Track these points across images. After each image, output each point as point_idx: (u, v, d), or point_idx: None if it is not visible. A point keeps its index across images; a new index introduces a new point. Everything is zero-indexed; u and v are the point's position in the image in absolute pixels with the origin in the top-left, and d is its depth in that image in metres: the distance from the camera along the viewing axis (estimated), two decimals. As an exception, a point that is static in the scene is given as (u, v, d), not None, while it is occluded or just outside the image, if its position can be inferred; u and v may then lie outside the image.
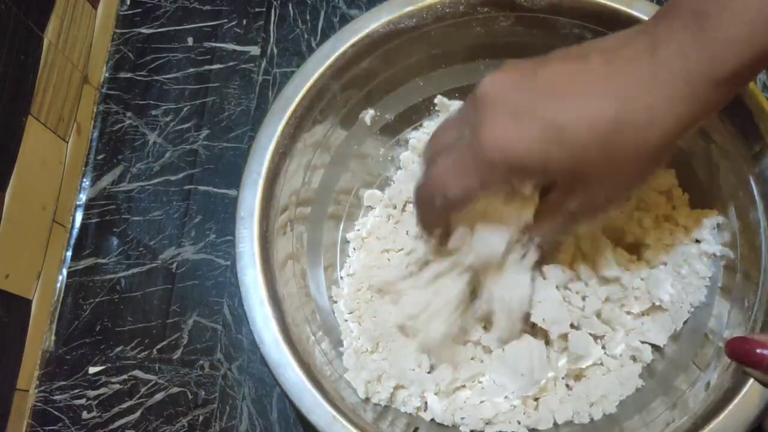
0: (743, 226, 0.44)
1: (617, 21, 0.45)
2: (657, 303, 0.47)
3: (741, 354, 0.37)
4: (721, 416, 0.38)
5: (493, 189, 0.39)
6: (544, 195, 0.41)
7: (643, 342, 0.48)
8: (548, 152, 0.35)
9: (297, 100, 0.46)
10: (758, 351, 0.36)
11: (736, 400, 0.38)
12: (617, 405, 0.47)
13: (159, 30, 0.67)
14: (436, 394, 0.47)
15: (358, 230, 0.54)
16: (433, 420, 0.47)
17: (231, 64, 0.65)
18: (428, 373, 0.48)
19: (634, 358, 0.48)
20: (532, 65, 0.37)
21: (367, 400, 0.46)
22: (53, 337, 0.59)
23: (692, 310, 0.47)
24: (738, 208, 0.45)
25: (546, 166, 0.36)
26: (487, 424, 0.46)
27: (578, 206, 0.39)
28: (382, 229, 0.54)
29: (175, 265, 0.60)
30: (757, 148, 0.42)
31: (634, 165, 0.36)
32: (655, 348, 0.48)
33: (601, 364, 0.48)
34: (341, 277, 0.53)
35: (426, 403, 0.47)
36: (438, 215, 0.42)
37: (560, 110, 0.35)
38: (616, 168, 0.36)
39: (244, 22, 0.66)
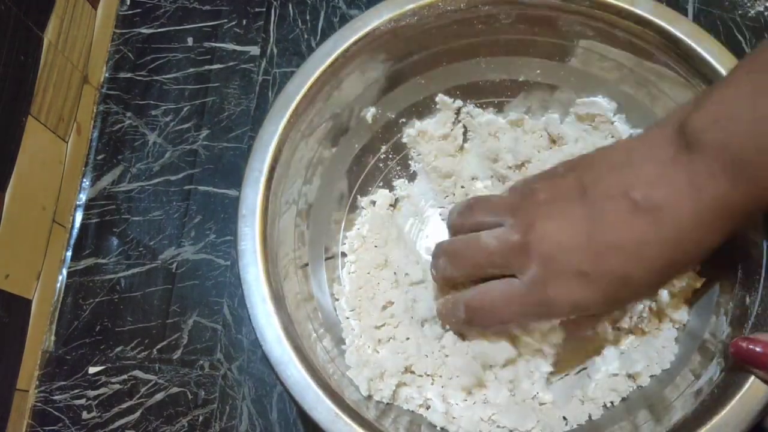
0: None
1: (619, 18, 0.45)
2: None
3: (745, 354, 0.37)
4: (723, 412, 0.38)
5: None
6: None
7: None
8: (615, 297, 0.40)
9: (298, 98, 0.46)
10: (760, 350, 0.37)
11: (738, 396, 0.38)
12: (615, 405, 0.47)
13: (159, 30, 0.67)
14: (442, 387, 0.47)
15: (359, 228, 0.54)
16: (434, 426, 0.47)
17: (231, 64, 0.65)
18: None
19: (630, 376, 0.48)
20: (580, 205, 0.39)
21: (369, 397, 0.46)
22: (53, 337, 0.59)
23: None
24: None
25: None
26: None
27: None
28: (382, 227, 0.53)
29: (175, 265, 0.60)
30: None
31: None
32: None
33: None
34: (343, 275, 0.53)
35: (429, 400, 0.47)
36: (459, 321, 0.45)
37: (624, 265, 0.38)
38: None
39: (244, 22, 0.66)
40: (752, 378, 0.38)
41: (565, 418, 0.47)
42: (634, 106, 0.50)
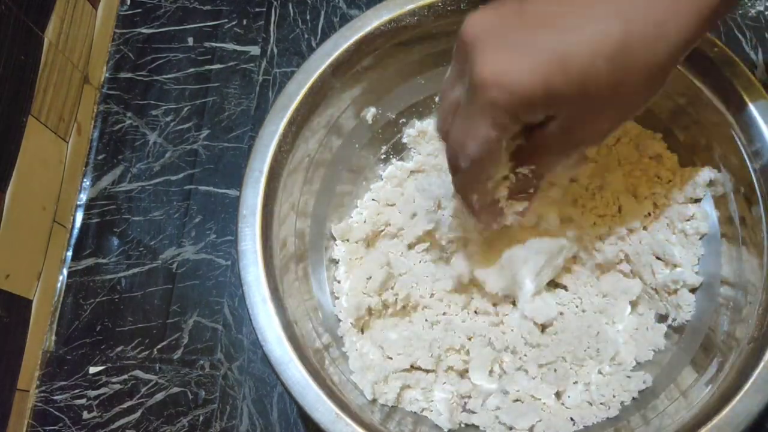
0: (746, 219, 0.44)
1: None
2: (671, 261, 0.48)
3: None
4: (723, 412, 0.38)
5: (506, 133, 0.36)
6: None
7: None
8: (553, 81, 0.33)
9: (299, 98, 0.46)
10: None
11: (738, 396, 0.38)
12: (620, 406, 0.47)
13: (159, 30, 0.67)
14: (446, 383, 0.47)
15: (359, 228, 0.54)
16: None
17: (231, 64, 0.65)
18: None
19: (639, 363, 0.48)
20: (516, 1, 0.35)
21: (374, 401, 0.45)
22: (54, 337, 0.59)
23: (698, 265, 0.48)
24: (739, 203, 0.45)
25: (551, 95, 0.33)
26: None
27: (573, 140, 0.37)
28: (382, 226, 0.53)
29: (175, 265, 0.60)
30: (758, 144, 0.42)
31: (643, 85, 0.35)
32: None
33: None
34: (343, 275, 0.53)
35: (433, 402, 0.47)
36: (471, 182, 0.40)
37: (559, 38, 0.33)
38: (623, 90, 0.34)
39: (245, 22, 0.66)
40: (752, 378, 0.38)
41: (572, 419, 0.47)
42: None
